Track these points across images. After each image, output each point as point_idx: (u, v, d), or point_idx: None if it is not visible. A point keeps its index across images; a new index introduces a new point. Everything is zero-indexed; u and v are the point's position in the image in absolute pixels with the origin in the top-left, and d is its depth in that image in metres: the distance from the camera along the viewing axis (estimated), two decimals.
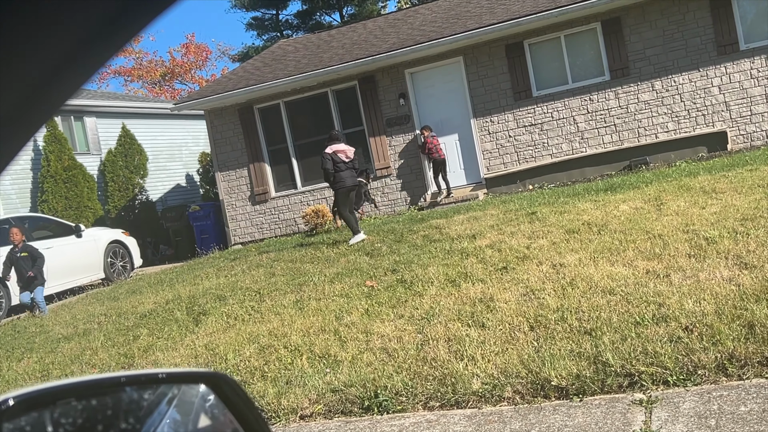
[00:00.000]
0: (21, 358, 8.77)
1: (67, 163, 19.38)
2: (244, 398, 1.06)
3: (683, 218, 8.29)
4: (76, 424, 0.83)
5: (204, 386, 1.15)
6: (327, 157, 11.76)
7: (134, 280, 14.48)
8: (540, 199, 12.12)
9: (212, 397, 1.15)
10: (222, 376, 1.06)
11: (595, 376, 4.72)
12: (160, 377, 1.16)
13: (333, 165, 11.71)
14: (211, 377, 1.09)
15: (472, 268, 8.03)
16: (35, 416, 0.80)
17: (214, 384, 1.04)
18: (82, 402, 0.86)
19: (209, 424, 1.11)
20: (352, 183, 12.02)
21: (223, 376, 1.06)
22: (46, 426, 0.80)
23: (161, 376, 1.12)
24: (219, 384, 1.03)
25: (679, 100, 14.78)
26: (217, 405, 1.07)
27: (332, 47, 18.63)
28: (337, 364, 5.98)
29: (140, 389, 1.02)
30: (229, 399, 1.03)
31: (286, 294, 8.95)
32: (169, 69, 42.53)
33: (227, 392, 1.03)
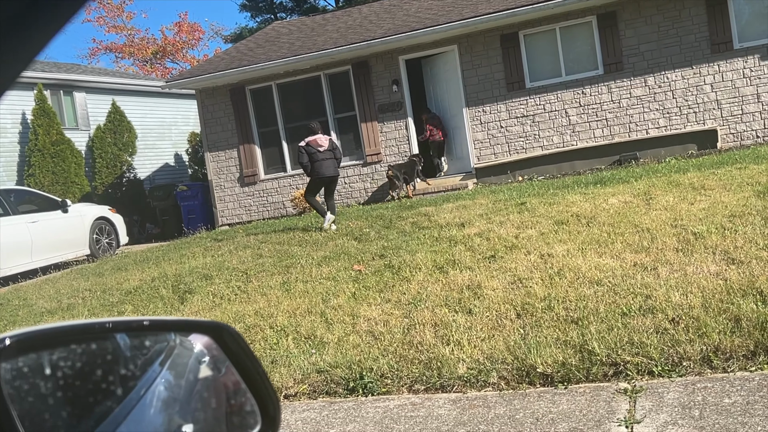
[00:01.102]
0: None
1: (55, 138, 19.24)
2: (247, 350, 1.05)
3: (672, 213, 8.31)
4: (74, 367, 0.81)
5: (199, 346, 1.14)
6: (302, 150, 11.80)
7: (120, 257, 14.41)
8: (530, 190, 12.13)
9: (207, 358, 1.13)
10: (226, 326, 1.05)
11: (581, 365, 4.74)
12: (159, 324, 1.14)
13: (308, 156, 11.69)
14: (214, 327, 1.08)
15: (461, 255, 8.03)
16: (33, 357, 0.78)
17: (217, 335, 1.03)
18: (82, 346, 0.85)
19: (207, 376, 1.09)
20: (330, 173, 11.83)
21: (227, 326, 1.04)
22: (44, 367, 0.78)
23: (160, 322, 1.10)
24: (222, 334, 1.02)
25: (671, 97, 14.82)
26: (217, 359, 1.06)
27: (327, 31, 18.54)
28: (323, 346, 5.98)
29: (142, 335, 1.01)
30: (231, 350, 1.01)
31: (273, 275, 8.93)
32: (160, 47, 42.21)
33: (230, 343, 1.01)
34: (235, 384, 1.03)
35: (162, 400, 1.03)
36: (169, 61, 43.05)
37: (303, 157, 11.76)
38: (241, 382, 1.01)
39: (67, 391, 0.80)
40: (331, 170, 11.82)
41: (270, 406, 1.05)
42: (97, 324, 0.89)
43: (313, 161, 11.69)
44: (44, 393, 0.78)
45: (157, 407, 1.02)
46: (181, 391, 1.12)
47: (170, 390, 1.09)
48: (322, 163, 11.69)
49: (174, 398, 1.08)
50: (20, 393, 0.75)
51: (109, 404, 0.86)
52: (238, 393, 1.04)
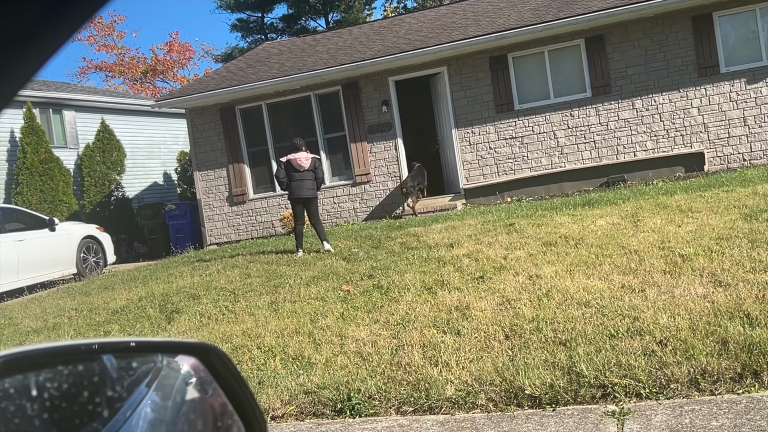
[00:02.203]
0: None
1: (43, 156, 19.19)
2: (234, 372, 1.04)
3: (659, 235, 8.35)
4: (61, 388, 0.81)
5: (186, 367, 1.13)
6: (280, 165, 11.61)
7: (107, 276, 14.33)
8: (518, 212, 12.16)
9: (194, 379, 1.13)
10: (213, 348, 1.04)
11: (569, 387, 4.73)
12: (147, 345, 1.14)
13: (285, 174, 11.48)
14: (201, 348, 1.07)
15: (449, 276, 8.03)
16: (20, 378, 0.78)
17: (204, 356, 1.02)
18: (68, 367, 0.84)
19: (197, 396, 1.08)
20: (303, 195, 11.44)
21: (214, 348, 1.04)
22: (30, 388, 0.78)
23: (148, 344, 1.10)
24: (209, 356, 1.01)
25: (659, 120, 14.93)
26: (203, 381, 1.05)
27: (317, 51, 18.62)
28: (310, 367, 5.95)
29: (130, 356, 1.00)
30: (218, 372, 1.01)
31: (261, 295, 8.89)
32: (151, 66, 42.25)
33: (217, 365, 1.01)
34: (222, 406, 1.02)
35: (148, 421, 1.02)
36: (159, 81, 43.09)
37: (280, 172, 11.55)
38: (228, 404, 1.01)
39: (53, 413, 0.79)
40: (306, 192, 11.45)
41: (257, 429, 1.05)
42: (83, 345, 0.89)
43: (290, 180, 11.45)
44: (30, 414, 0.77)
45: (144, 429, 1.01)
46: (167, 413, 1.11)
47: (157, 411, 1.09)
48: (299, 183, 11.42)
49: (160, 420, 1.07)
50: (6, 414, 0.74)
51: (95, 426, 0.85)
52: (225, 415, 1.04)
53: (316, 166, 11.59)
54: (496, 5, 18.16)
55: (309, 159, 11.53)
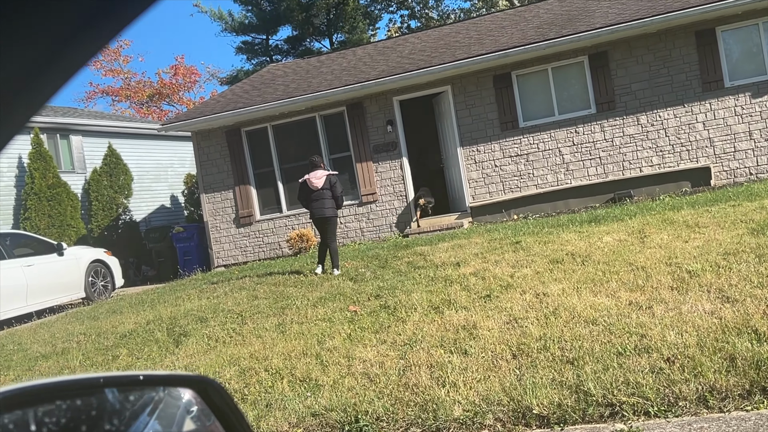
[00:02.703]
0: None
1: (51, 181, 19.29)
2: (230, 404, 1.05)
3: (666, 251, 8.33)
4: (59, 423, 0.82)
5: (187, 396, 1.14)
6: (300, 186, 11.61)
7: (115, 300, 14.36)
8: (524, 229, 12.15)
9: (195, 408, 1.13)
10: (209, 381, 1.05)
11: (577, 406, 4.72)
12: (146, 379, 1.15)
13: (304, 194, 11.46)
14: (198, 381, 1.08)
15: (456, 295, 8.03)
16: (19, 414, 0.79)
17: (200, 388, 1.03)
18: (67, 402, 0.86)
19: (193, 429, 1.09)
20: (320, 214, 11.30)
21: (210, 381, 1.05)
22: (29, 424, 0.79)
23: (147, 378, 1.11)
24: (205, 388, 1.02)
25: (664, 135, 14.93)
26: (203, 411, 1.06)
27: (321, 73, 18.72)
28: (318, 388, 5.94)
29: (126, 390, 1.01)
30: (215, 404, 1.02)
31: (269, 317, 8.90)
32: (157, 90, 42.53)
33: (213, 397, 1.02)
34: None
35: None
36: (165, 104, 43.36)
37: (300, 194, 11.57)
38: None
39: None
40: (322, 211, 11.29)
41: None
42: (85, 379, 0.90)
43: (309, 201, 11.38)
44: None
45: None
46: None
47: None
48: (317, 203, 11.32)
49: None
50: None
51: None
52: None
53: (332, 183, 11.37)
54: (499, 24, 18.25)
55: (323, 177, 11.33)
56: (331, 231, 11.49)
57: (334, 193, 11.37)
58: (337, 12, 36.84)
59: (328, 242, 11.49)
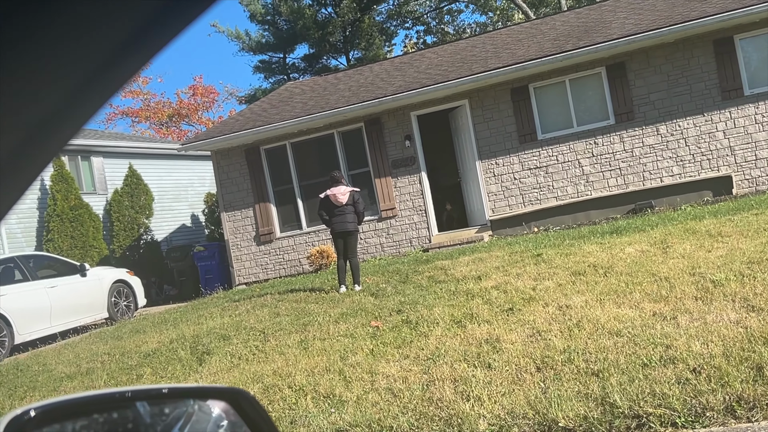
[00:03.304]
0: (23, 397, 8.72)
1: (73, 203, 19.47)
2: (263, 415, 1.06)
3: (689, 261, 8.27)
4: None
5: (217, 410, 1.15)
6: (320, 202, 11.63)
7: (138, 320, 14.44)
8: (545, 242, 12.11)
9: (225, 422, 1.14)
10: (242, 392, 1.06)
11: (603, 418, 4.68)
12: (180, 392, 1.16)
13: (325, 209, 11.48)
14: (231, 392, 1.09)
15: (478, 309, 8.01)
16: (56, 428, 0.80)
17: (233, 400, 1.04)
18: (103, 415, 0.87)
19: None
20: (340, 229, 11.37)
21: (243, 392, 1.06)
22: None
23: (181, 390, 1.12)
24: (238, 400, 1.03)
25: (684, 145, 14.85)
26: (234, 424, 1.07)
27: (339, 89, 18.81)
28: (342, 404, 5.94)
29: (161, 404, 1.03)
30: (248, 416, 1.03)
31: (291, 334, 8.91)
32: (176, 110, 42.91)
33: (246, 409, 1.03)
34: None
35: None
36: (184, 124, 43.72)
37: (320, 209, 11.57)
38: None
39: None
40: (344, 225, 11.35)
41: None
42: (117, 393, 0.92)
43: (330, 216, 11.42)
44: None
45: None
46: None
47: None
48: (339, 219, 11.35)
49: None
50: None
51: None
52: None
53: (356, 200, 11.46)
54: (516, 37, 18.27)
55: (347, 194, 11.40)
56: (353, 246, 11.55)
57: (357, 209, 11.44)
58: (353, 29, 37.07)
59: (349, 257, 11.52)
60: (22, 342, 13.55)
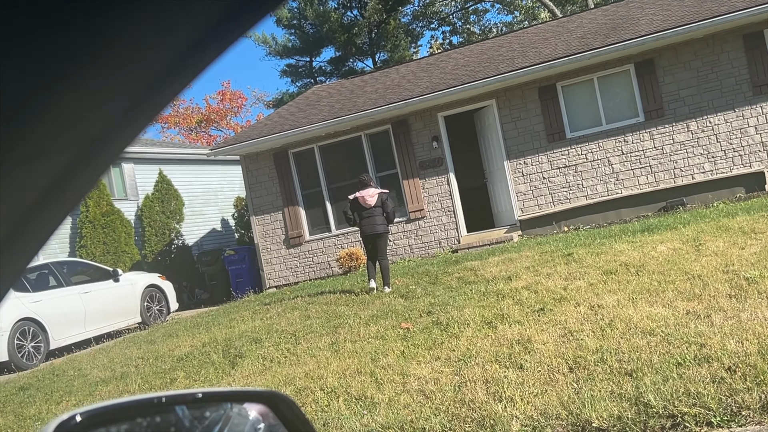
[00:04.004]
0: (60, 401, 8.84)
1: (105, 209, 19.69)
2: (300, 416, 1.08)
3: (723, 258, 8.18)
4: None
5: (254, 413, 1.17)
6: (348, 203, 11.75)
7: (170, 324, 14.57)
8: (576, 241, 12.04)
9: (262, 426, 1.16)
10: (280, 394, 1.08)
11: (637, 418, 4.64)
12: (219, 396, 1.18)
13: (353, 211, 11.56)
14: (269, 395, 1.11)
15: (509, 309, 7.98)
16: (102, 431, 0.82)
17: (271, 402, 1.06)
18: (146, 419, 0.89)
19: None
20: (370, 231, 11.42)
21: (281, 394, 1.07)
22: None
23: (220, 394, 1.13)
24: (276, 403, 1.05)
25: (715, 141, 14.68)
26: (272, 427, 1.09)
27: (365, 92, 18.84)
28: (374, 406, 5.95)
29: (200, 407, 1.04)
30: (286, 418, 1.04)
31: (322, 336, 8.94)
32: (205, 116, 43.24)
33: (285, 411, 1.04)
34: None
35: None
36: (213, 129, 44.03)
37: (348, 211, 11.64)
38: None
39: None
40: (374, 227, 11.41)
41: None
42: (156, 398, 0.93)
43: (360, 218, 11.49)
44: None
45: None
46: None
47: None
48: (368, 221, 11.41)
49: None
50: None
51: None
52: None
53: (384, 201, 11.50)
54: (542, 35, 18.18)
55: (375, 195, 11.47)
56: (383, 247, 11.59)
57: (386, 210, 11.47)
58: (379, 31, 37.11)
59: (379, 259, 11.57)
60: (57, 347, 13.74)
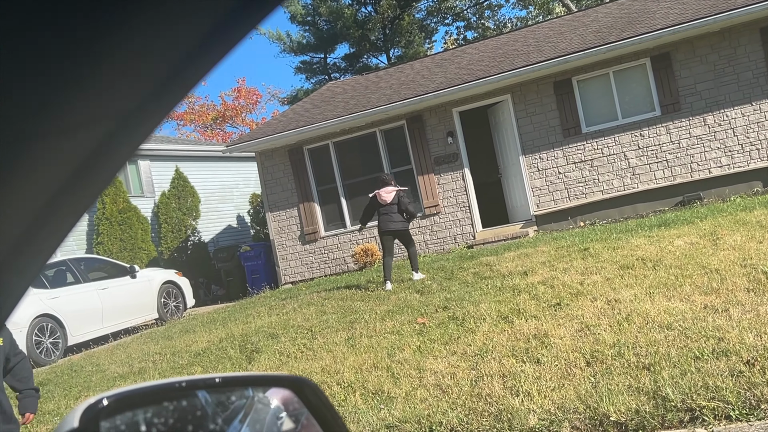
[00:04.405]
0: (78, 397, 8.91)
1: (121, 206, 19.81)
2: (326, 403, 1.09)
3: (740, 253, 8.13)
4: (167, 424, 0.86)
5: (276, 401, 1.18)
6: (369, 201, 12.04)
7: (187, 320, 14.65)
8: (592, 236, 12.00)
9: (284, 414, 1.17)
10: (305, 380, 1.08)
11: (655, 412, 4.63)
12: (245, 379, 1.19)
13: (372, 208, 11.86)
14: (294, 381, 1.12)
15: (525, 304, 7.97)
16: (129, 416, 0.84)
17: (297, 388, 1.07)
18: (173, 403, 0.90)
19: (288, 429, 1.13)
20: (390, 228, 11.63)
21: (307, 380, 1.08)
22: (139, 425, 0.84)
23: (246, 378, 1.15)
24: (302, 388, 1.06)
25: (732, 135, 14.58)
26: (295, 414, 1.10)
27: (380, 88, 18.84)
28: (390, 401, 5.96)
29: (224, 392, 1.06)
30: (311, 403, 1.05)
31: (338, 331, 8.96)
32: (220, 113, 43.38)
33: (310, 396, 1.05)
34: None
35: None
36: (228, 126, 44.16)
37: (367, 208, 12.01)
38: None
39: None
40: (388, 224, 11.62)
41: None
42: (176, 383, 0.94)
43: (378, 214, 11.75)
44: None
45: None
46: None
47: None
48: (384, 217, 11.64)
49: None
50: None
51: None
52: None
53: (400, 198, 11.71)
54: (557, 30, 18.11)
55: (392, 193, 11.68)
56: (406, 240, 11.93)
57: (401, 207, 11.65)
58: (393, 27, 37.08)
59: (407, 247, 11.98)
60: (75, 343, 13.85)
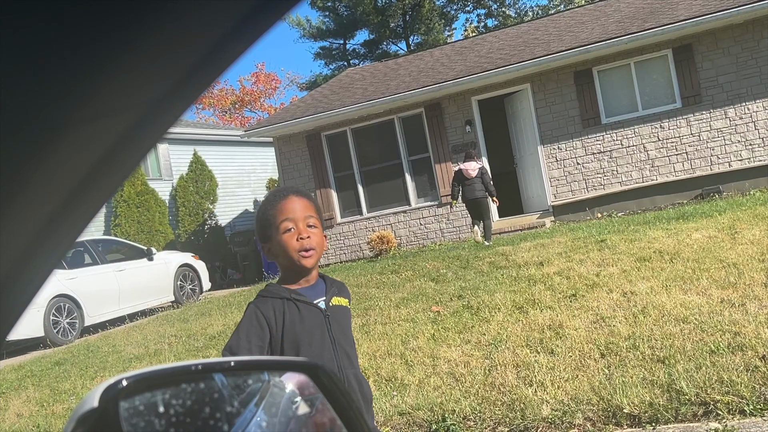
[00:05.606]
0: (94, 377, 9.00)
1: (139, 188, 19.92)
2: (341, 388, 1.09)
3: (759, 247, 8.07)
4: (185, 405, 0.87)
5: (290, 386, 1.19)
6: (455, 174, 13.61)
7: (203, 303, 14.73)
8: (609, 227, 11.95)
9: (299, 398, 1.18)
10: (320, 365, 1.09)
11: (669, 405, 4.62)
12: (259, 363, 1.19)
13: (458, 181, 13.32)
14: (310, 366, 1.12)
15: (540, 294, 7.96)
16: (147, 396, 0.84)
17: (312, 373, 1.07)
18: (191, 385, 0.91)
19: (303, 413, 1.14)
20: (472, 196, 13.25)
21: (323, 366, 1.09)
22: (158, 406, 0.85)
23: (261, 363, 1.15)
24: (318, 373, 1.06)
25: (753, 128, 14.45)
26: (310, 399, 1.11)
27: (399, 75, 18.80)
28: (404, 388, 5.98)
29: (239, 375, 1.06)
30: (326, 388, 1.05)
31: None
32: (239, 97, 43.45)
33: (325, 381, 1.06)
34: (331, 421, 1.07)
35: None
36: (247, 111, 44.25)
37: (454, 179, 13.50)
38: (337, 419, 1.05)
39: (179, 428, 0.85)
40: (473, 193, 13.21)
41: None
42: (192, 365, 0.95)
43: (463, 186, 13.27)
44: (159, 429, 0.84)
45: None
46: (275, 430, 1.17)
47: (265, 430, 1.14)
48: (469, 188, 13.22)
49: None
50: (137, 430, 0.81)
51: None
52: (333, 430, 1.08)
53: (483, 173, 13.26)
54: (579, 19, 17.99)
55: (476, 169, 13.19)
56: (485, 210, 13.52)
57: (484, 180, 13.21)
58: (413, 14, 36.95)
59: (483, 219, 13.46)
60: (91, 324, 13.97)
